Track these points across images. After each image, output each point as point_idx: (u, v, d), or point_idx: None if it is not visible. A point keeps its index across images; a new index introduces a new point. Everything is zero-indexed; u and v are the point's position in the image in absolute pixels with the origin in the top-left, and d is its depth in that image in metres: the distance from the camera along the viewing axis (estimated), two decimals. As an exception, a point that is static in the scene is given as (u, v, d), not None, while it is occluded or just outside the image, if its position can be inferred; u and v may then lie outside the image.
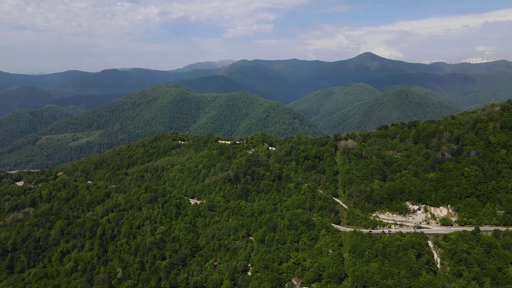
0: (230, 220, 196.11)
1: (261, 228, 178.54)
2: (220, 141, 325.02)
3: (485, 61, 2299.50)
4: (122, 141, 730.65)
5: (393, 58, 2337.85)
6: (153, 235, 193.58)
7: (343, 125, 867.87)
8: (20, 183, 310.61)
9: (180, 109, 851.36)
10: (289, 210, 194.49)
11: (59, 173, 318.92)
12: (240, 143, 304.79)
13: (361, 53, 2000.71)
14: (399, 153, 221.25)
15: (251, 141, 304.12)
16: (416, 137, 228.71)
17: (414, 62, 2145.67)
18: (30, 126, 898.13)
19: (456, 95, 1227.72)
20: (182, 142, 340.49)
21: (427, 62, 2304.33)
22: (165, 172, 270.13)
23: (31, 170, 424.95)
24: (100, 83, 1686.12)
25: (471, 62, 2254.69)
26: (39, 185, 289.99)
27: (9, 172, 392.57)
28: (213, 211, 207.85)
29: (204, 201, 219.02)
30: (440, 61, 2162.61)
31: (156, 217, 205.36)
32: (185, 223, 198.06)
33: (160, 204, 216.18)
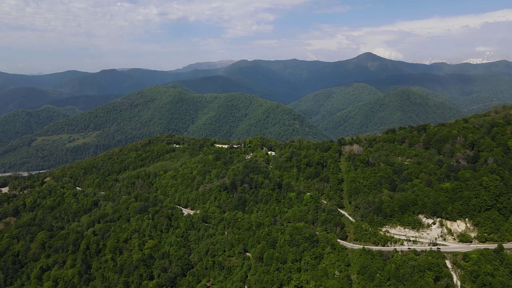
0: (226, 233, 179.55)
1: (259, 244, 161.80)
2: (217, 145, 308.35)
3: (485, 61, 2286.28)
4: (119, 142, 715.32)
5: (393, 58, 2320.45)
6: (141, 250, 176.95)
7: (344, 126, 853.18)
8: (5, 189, 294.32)
9: (179, 110, 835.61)
10: (290, 222, 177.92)
11: (47, 179, 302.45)
12: (237, 147, 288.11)
13: (360, 53, 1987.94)
14: (408, 159, 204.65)
15: (249, 145, 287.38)
16: (427, 142, 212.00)
17: (414, 62, 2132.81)
18: (26, 127, 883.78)
19: (457, 95, 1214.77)
20: (177, 146, 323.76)
21: (427, 63, 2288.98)
22: (157, 179, 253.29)
23: (19, 174, 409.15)
24: (98, 83, 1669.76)
25: (471, 62, 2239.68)
26: (25, 192, 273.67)
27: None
28: (207, 223, 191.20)
29: (198, 212, 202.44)
30: (440, 61, 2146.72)
31: (145, 230, 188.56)
32: (176, 236, 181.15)
33: (150, 215, 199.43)
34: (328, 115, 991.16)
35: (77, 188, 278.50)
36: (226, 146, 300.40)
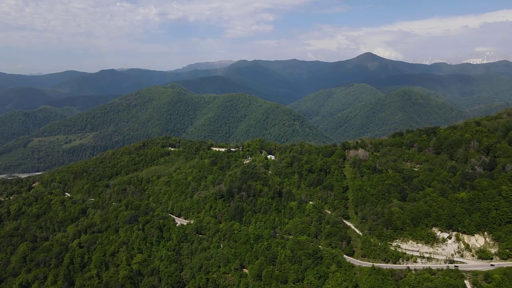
0: (221, 246, 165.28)
1: (257, 260, 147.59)
2: (214, 148, 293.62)
3: (485, 61, 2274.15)
4: (117, 143, 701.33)
5: (392, 58, 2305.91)
6: (129, 265, 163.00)
7: (345, 126, 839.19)
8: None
9: (177, 111, 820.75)
10: (290, 235, 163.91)
11: (35, 184, 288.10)
12: (235, 151, 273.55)
13: (360, 53, 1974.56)
14: (418, 165, 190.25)
15: (247, 148, 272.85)
16: (438, 146, 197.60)
17: (414, 62, 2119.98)
18: (23, 127, 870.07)
19: (458, 95, 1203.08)
20: (172, 149, 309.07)
21: (427, 63, 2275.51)
22: (150, 185, 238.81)
23: (14, 176, 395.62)
24: (97, 83, 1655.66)
25: (471, 62, 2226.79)
26: (10, 198, 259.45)
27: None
28: (201, 234, 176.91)
29: (192, 221, 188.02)
30: (440, 61, 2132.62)
31: (134, 242, 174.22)
32: (167, 250, 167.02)
33: (140, 225, 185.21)
34: (329, 115, 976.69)
35: (66, 194, 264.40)
36: (223, 149, 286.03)
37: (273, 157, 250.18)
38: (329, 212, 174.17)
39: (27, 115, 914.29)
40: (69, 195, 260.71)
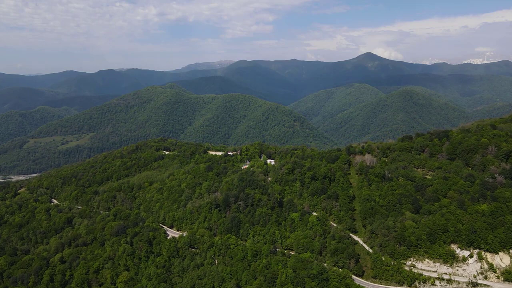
0: (216, 263, 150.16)
1: (255, 280, 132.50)
2: (210, 152, 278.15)
3: (485, 61, 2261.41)
4: (114, 144, 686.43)
5: (392, 58, 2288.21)
6: (114, 284, 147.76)
7: (345, 127, 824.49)
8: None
9: (175, 111, 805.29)
10: (292, 251, 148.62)
11: (21, 190, 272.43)
12: (233, 155, 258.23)
13: (360, 53, 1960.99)
14: (431, 172, 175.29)
15: (246, 152, 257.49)
16: (452, 151, 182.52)
17: (415, 62, 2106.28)
18: (19, 128, 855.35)
19: (459, 96, 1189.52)
20: (167, 153, 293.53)
21: (427, 63, 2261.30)
22: (141, 192, 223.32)
23: (3, 179, 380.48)
24: (96, 83, 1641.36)
25: (472, 62, 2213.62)
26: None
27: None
28: (194, 248, 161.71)
29: (185, 234, 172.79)
30: (441, 61, 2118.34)
31: (121, 257, 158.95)
32: (156, 267, 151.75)
33: (128, 238, 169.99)
34: (329, 116, 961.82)
35: (53, 201, 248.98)
36: (220, 153, 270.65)
37: (273, 162, 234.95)
38: (334, 225, 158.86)
39: (23, 115, 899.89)
40: (56, 202, 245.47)
